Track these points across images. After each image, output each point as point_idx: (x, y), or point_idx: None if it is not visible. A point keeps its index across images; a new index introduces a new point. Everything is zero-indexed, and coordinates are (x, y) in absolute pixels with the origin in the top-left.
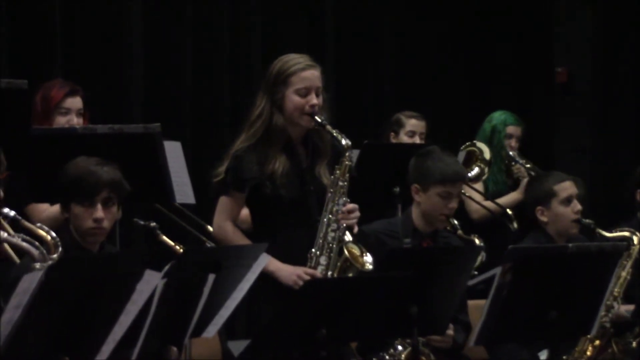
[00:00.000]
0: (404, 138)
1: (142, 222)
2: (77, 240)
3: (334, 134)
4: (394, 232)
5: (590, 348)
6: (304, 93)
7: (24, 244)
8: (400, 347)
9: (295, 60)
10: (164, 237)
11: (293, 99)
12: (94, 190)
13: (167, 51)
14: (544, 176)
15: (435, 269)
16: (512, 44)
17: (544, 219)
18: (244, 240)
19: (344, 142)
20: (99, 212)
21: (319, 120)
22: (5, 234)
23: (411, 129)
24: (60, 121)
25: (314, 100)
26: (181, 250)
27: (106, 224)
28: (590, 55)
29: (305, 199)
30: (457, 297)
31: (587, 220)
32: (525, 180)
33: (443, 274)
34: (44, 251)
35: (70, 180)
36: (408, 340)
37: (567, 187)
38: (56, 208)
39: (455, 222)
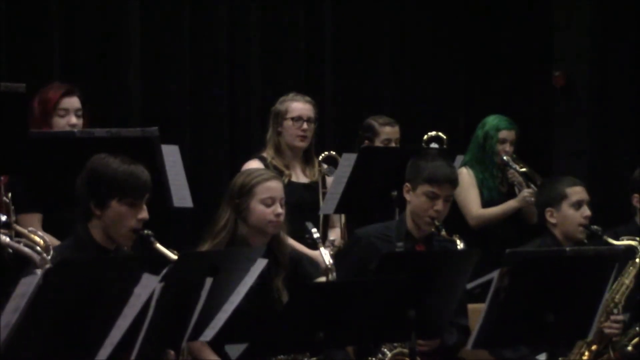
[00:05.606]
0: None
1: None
2: (96, 239)
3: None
4: (387, 236)
5: (587, 352)
6: (270, 203)
7: (26, 250)
8: (387, 351)
9: (257, 172)
10: (159, 245)
11: (258, 208)
12: (142, 190)
13: (165, 55)
14: (557, 179)
15: (432, 272)
16: (511, 47)
17: (552, 220)
18: None
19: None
20: (145, 212)
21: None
22: (8, 239)
23: (386, 137)
24: (60, 123)
25: (278, 209)
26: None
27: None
28: (589, 58)
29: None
30: (454, 301)
31: (595, 227)
32: (524, 191)
33: (440, 277)
34: (44, 256)
35: (114, 179)
36: (395, 344)
37: (578, 192)
38: None
39: (437, 222)
